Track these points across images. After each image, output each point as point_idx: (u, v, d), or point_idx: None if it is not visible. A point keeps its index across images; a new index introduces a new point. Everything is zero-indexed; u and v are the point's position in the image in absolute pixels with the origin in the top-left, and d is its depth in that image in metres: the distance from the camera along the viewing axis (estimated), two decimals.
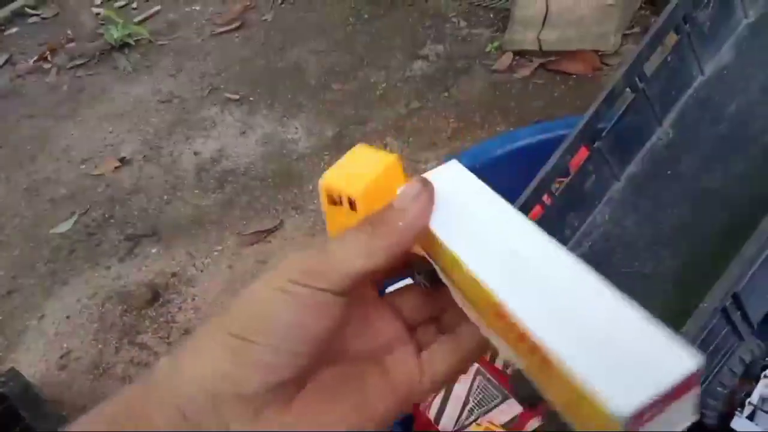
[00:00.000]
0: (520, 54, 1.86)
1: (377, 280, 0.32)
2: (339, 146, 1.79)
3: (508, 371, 0.71)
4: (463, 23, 2.13)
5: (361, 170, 0.30)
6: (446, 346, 0.30)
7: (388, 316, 0.31)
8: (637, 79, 0.80)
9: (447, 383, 0.31)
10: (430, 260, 0.30)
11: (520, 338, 0.24)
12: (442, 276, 0.30)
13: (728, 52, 0.88)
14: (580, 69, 1.73)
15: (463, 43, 2.05)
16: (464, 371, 0.32)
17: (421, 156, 1.68)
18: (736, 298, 0.60)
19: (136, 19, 2.70)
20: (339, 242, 0.27)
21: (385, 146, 1.74)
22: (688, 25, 0.82)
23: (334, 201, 0.30)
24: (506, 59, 1.86)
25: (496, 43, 1.94)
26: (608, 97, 0.78)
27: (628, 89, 0.81)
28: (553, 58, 1.79)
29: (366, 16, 2.33)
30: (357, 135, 1.81)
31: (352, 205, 0.29)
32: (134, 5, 2.95)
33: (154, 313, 1.42)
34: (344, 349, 0.29)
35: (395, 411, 0.29)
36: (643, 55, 0.80)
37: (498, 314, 0.25)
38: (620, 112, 0.82)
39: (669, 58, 0.83)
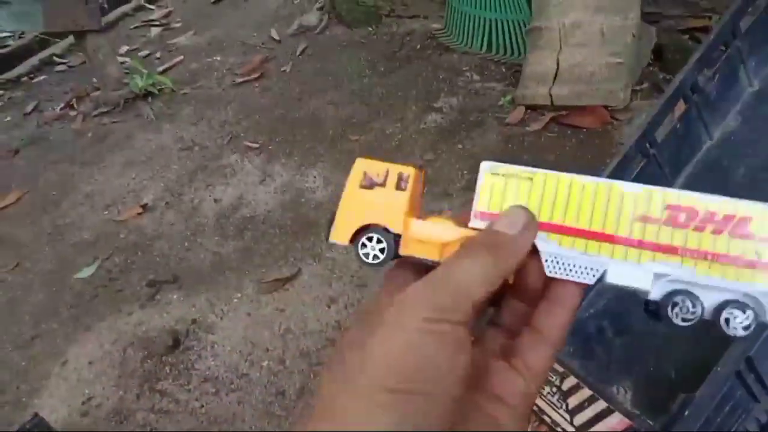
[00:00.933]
0: (532, 108, 1.92)
1: None
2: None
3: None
4: (476, 77, 2.21)
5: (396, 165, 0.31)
6: (534, 343, 0.30)
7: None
8: (648, 145, 0.84)
9: (547, 374, 0.31)
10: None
11: (706, 220, 0.27)
12: (542, 239, 0.29)
13: (734, 118, 0.92)
14: (591, 123, 1.78)
15: (477, 96, 2.11)
16: (556, 356, 0.31)
17: (435, 206, 1.73)
18: (749, 361, 0.62)
19: (159, 69, 2.81)
20: (459, 268, 0.26)
21: None
22: (695, 94, 0.86)
23: (372, 183, 0.29)
24: (518, 113, 1.92)
25: (508, 97, 2.00)
26: (621, 162, 0.81)
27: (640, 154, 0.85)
28: (564, 113, 1.85)
29: (382, 68, 2.42)
30: None
31: (400, 183, 0.29)
32: (158, 55, 3.07)
33: (174, 360, 1.44)
34: None
35: (524, 427, 0.29)
36: (654, 123, 0.84)
37: (672, 210, 0.28)
38: (632, 175, 0.85)
39: (678, 126, 0.87)
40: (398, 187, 0.29)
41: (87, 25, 2.44)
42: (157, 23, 3.47)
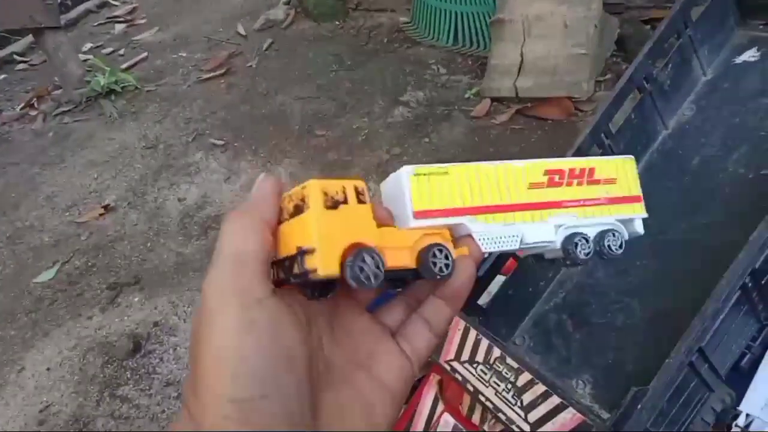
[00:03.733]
0: (497, 100, 1.92)
1: (362, 297, 0.33)
2: None
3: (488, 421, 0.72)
4: (443, 70, 2.19)
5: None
6: (422, 330, 0.33)
7: (368, 323, 0.32)
8: (603, 136, 0.84)
9: (428, 358, 0.34)
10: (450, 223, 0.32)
11: (571, 176, 0.35)
12: (470, 221, 0.32)
13: (689, 107, 0.92)
14: (556, 114, 1.78)
15: (443, 89, 2.10)
16: (440, 341, 0.36)
17: None
18: (701, 352, 0.62)
19: (123, 66, 2.75)
20: (233, 241, 0.26)
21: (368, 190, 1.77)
22: (649, 84, 0.86)
23: (335, 202, 0.28)
24: (484, 105, 1.91)
25: (474, 90, 2.00)
26: (576, 154, 0.81)
27: (595, 146, 0.84)
28: (529, 105, 1.85)
29: (349, 63, 2.39)
30: None
31: (359, 197, 0.29)
32: (122, 52, 3.00)
33: (135, 365, 1.40)
34: (332, 365, 0.30)
35: (396, 412, 0.31)
36: (608, 113, 0.84)
37: (550, 174, 0.34)
38: None
39: (633, 116, 0.87)
40: (360, 201, 0.28)
41: (45, 22, 2.37)
42: (122, 20, 3.39)
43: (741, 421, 0.67)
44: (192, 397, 0.25)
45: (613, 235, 0.36)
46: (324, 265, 0.26)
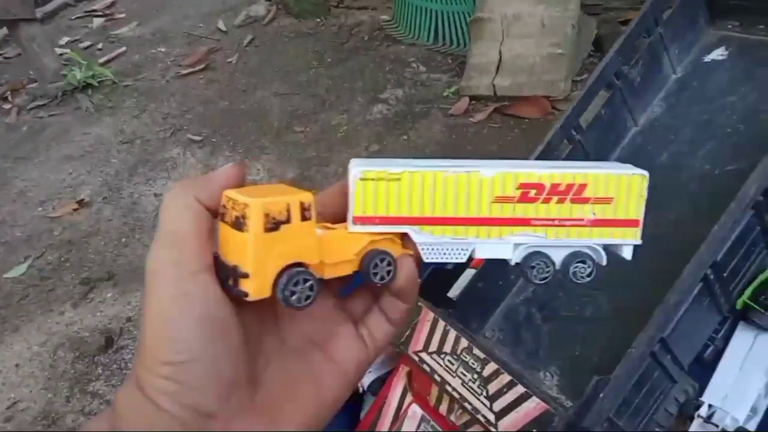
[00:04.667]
0: (476, 98, 1.93)
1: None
2: (300, 188, 1.80)
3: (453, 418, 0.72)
4: (422, 68, 2.20)
5: (277, 191, 0.29)
6: (380, 320, 0.33)
7: (331, 308, 0.33)
8: (573, 131, 0.84)
9: (385, 347, 0.34)
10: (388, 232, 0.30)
11: (551, 192, 0.31)
12: (415, 231, 0.30)
13: (659, 104, 0.94)
14: (533, 113, 1.80)
15: (422, 87, 2.11)
16: (398, 331, 0.35)
17: None
18: (664, 342, 0.63)
19: (100, 60, 2.71)
20: (174, 220, 0.27)
21: None
22: (619, 81, 0.87)
23: (276, 222, 0.27)
24: (463, 104, 1.92)
25: (453, 88, 2.01)
26: (546, 149, 0.81)
27: (565, 141, 0.85)
28: (507, 103, 1.86)
29: (329, 59, 2.39)
30: (318, 176, 1.83)
31: (305, 213, 0.27)
32: (99, 46, 2.96)
33: (107, 360, 1.39)
34: (286, 341, 0.31)
35: (347, 392, 0.32)
36: (579, 109, 0.84)
37: (523, 188, 0.30)
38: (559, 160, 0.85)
39: (603, 111, 0.88)
40: (304, 218, 0.28)
41: (19, 14, 2.33)
42: (100, 14, 3.35)
43: (703, 411, 0.68)
44: (137, 357, 0.27)
45: (584, 262, 0.32)
46: (256, 290, 0.26)
